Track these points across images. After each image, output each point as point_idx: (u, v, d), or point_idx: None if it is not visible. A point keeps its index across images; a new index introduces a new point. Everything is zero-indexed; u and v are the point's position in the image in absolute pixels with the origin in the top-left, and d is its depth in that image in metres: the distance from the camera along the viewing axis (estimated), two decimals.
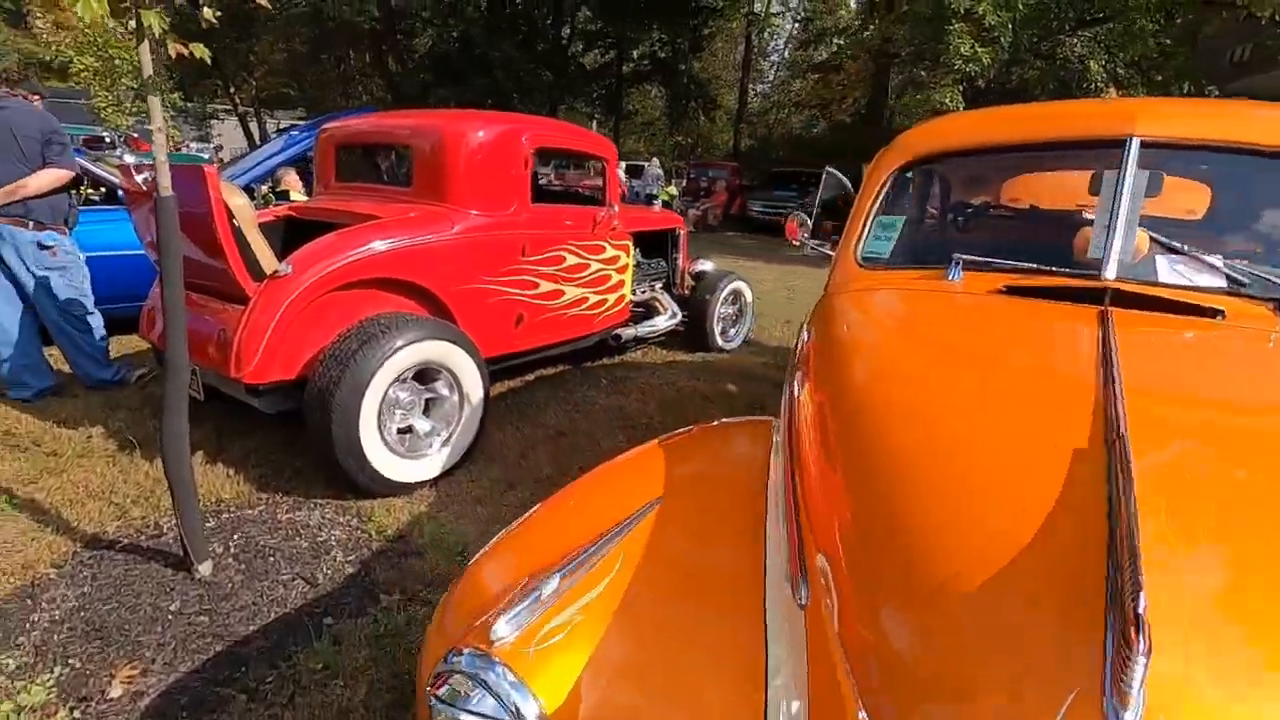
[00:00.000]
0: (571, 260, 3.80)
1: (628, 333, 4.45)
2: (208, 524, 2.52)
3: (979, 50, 9.45)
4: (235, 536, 2.45)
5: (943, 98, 10.16)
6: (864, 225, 1.99)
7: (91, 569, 2.24)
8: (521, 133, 3.39)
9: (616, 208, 4.09)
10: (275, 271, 2.65)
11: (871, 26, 11.98)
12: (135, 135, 16.12)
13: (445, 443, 2.95)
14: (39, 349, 3.63)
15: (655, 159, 17.20)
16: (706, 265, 5.28)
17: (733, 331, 5.29)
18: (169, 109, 15.80)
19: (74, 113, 12.99)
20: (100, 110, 11.04)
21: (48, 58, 13.22)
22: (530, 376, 4.33)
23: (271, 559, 2.34)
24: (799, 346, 1.85)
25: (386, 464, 2.72)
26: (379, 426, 2.69)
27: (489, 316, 3.35)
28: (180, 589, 2.14)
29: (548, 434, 3.48)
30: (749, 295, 5.35)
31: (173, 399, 2.01)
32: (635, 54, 22.78)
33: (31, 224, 3.37)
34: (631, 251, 4.39)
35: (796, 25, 28.71)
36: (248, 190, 5.06)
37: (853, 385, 1.15)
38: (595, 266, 4.00)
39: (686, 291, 5.33)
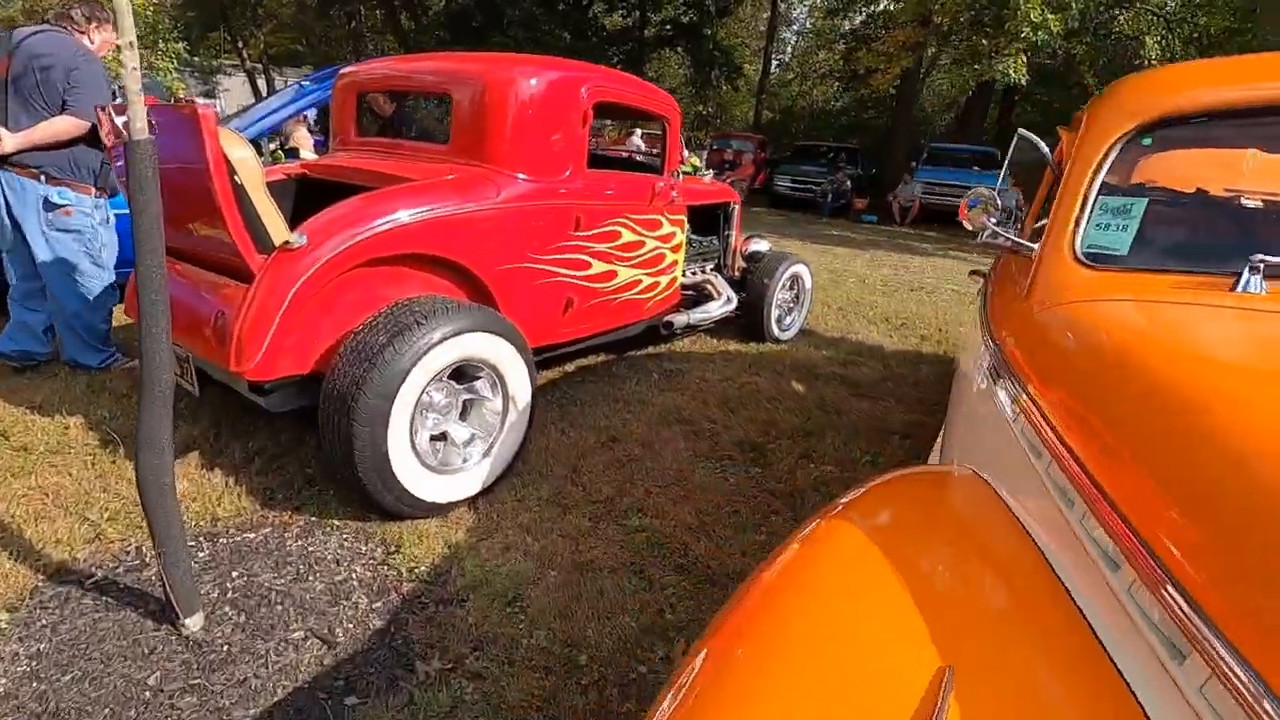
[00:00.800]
0: (627, 237, 3.27)
1: (680, 320, 3.93)
2: (199, 554, 2.05)
3: (1049, 17, 8.72)
4: (234, 574, 1.98)
5: (1006, 69, 9.43)
6: (1083, 209, 1.46)
7: (53, 616, 1.77)
8: (581, 82, 2.84)
9: (681, 177, 3.55)
10: (286, 242, 2.14)
11: None
12: None
13: (485, 453, 2.47)
14: (38, 314, 3.22)
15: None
16: (761, 245, 4.73)
17: (788, 320, 4.77)
18: (172, 60, 15.11)
19: None
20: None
21: (55, 1, 12.50)
22: (570, 368, 3.83)
23: (279, 606, 1.87)
24: (1003, 371, 1.34)
25: (418, 481, 2.24)
26: (410, 436, 2.20)
27: (535, 301, 2.85)
28: (162, 652, 1.67)
29: (599, 440, 2.99)
30: (809, 280, 4.81)
31: (150, 416, 1.52)
32: (657, 17, 21.83)
33: (44, 177, 2.90)
34: (685, 228, 3.87)
35: None
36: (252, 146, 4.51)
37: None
38: (651, 244, 3.48)
39: (737, 273, 4.81)
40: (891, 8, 18.15)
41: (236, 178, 2.11)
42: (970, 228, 1.71)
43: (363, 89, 3.15)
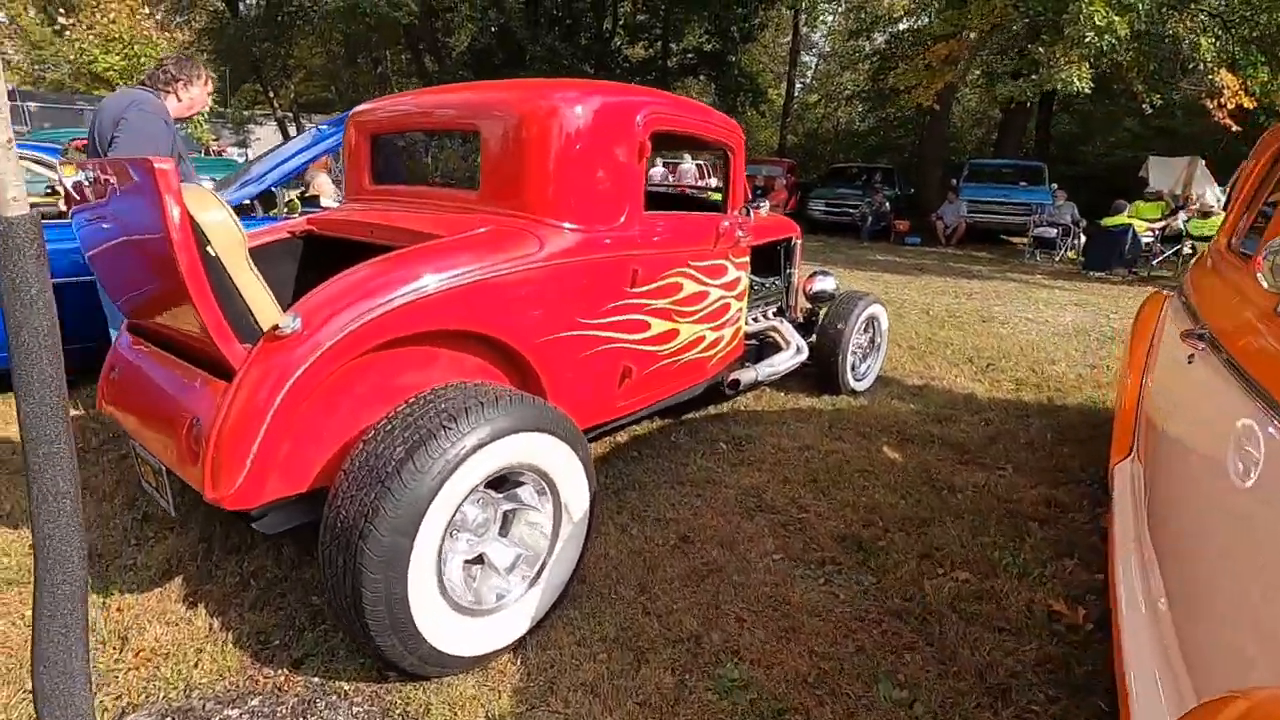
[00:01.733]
0: (690, 289, 2.75)
1: (748, 377, 3.38)
2: None
3: (1114, 19, 8.09)
4: None
5: (1069, 77, 8.80)
6: None
7: None
8: (635, 109, 2.35)
9: (753, 215, 3.03)
10: (276, 327, 1.66)
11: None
12: None
13: (533, 581, 1.93)
14: None
15: (686, 155, 15.98)
16: (827, 282, 4.17)
17: (864, 368, 4.19)
18: (203, 113, 15.23)
19: None
20: None
21: (85, 61, 12.66)
22: (623, 439, 3.29)
23: None
24: None
25: (448, 632, 1.71)
26: (438, 573, 1.68)
27: (587, 375, 2.33)
28: None
29: (669, 540, 2.43)
30: (885, 322, 4.24)
31: (53, 625, 1.01)
32: (680, 46, 21.69)
33: None
34: (748, 271, 3.35)
35: (837, 17, 27.11)
36: (266, 197, 4.12)
37: None
38: (715, 294, 2.95)
39: (800, 315, 4.26)
40: (916, 26, 17.71)
41: (209, 248, 1.64)
42: (1268, 285, 1.14)
43: (378, 130, 2.71)
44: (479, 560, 1.92)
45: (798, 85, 28.66)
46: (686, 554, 2.36)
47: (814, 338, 4.04)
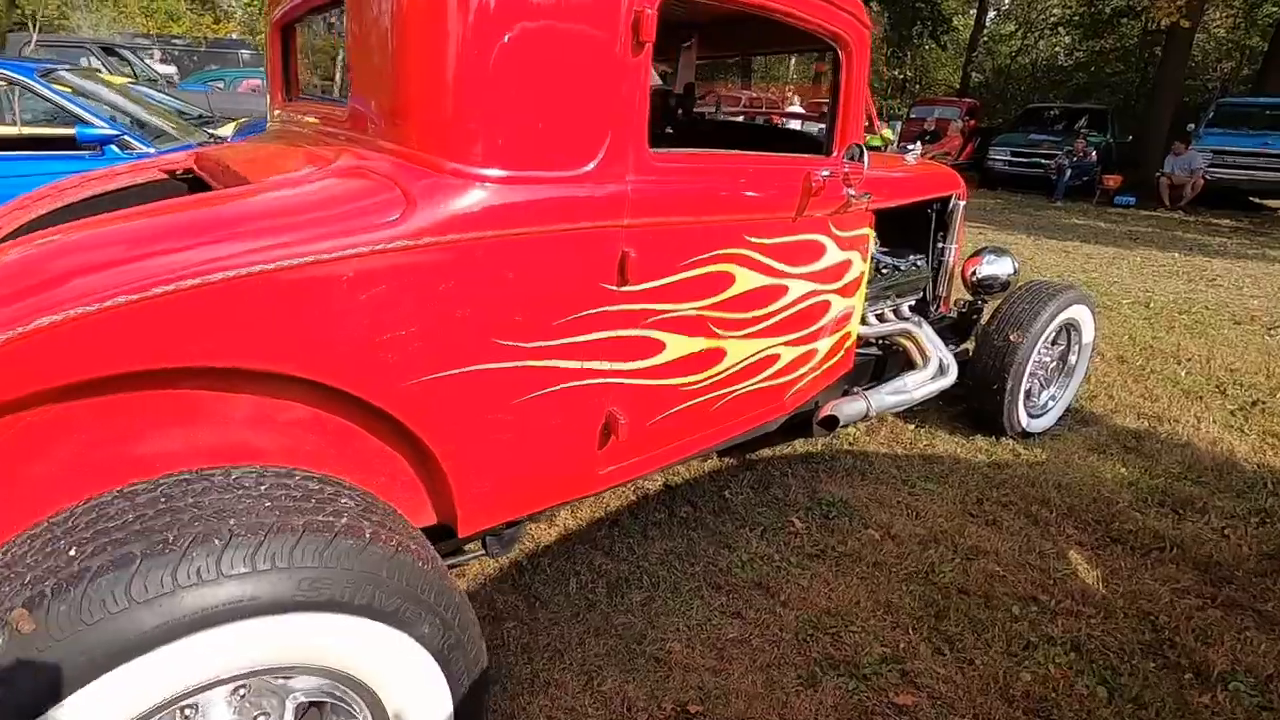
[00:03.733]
0: (748, 282, 1.64)
1: (852, 410, 2.21)
2: None
3: None
4: None
5: None
6: None
7: None
8: None
9: (866, 161, 1.81)
10: None
11: None
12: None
13: None
14: None
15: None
16: (1002, 265, 2.80)
17: (1045, 397, 2.81)
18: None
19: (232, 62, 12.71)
20: None
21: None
22: (648, 479, 2.28)
23: None
24: None
25: None
26: None
27: (529, 436, 1.33)
28: None
29: (655, 717, 1.43)
30: (1090, 331, 2.80)
31: None
32: None
33: None
34: (871, 247, 2.16)
35: None
36: None
37: None
38: (800, 290, 1.81)
39: (954, 310, 2.95)
40: None
41: None
42: None
43: (284, 18, 1.81)
44: None
45: (990, 12, 24.53)
46: None
47: (970, 347, 2.75)
